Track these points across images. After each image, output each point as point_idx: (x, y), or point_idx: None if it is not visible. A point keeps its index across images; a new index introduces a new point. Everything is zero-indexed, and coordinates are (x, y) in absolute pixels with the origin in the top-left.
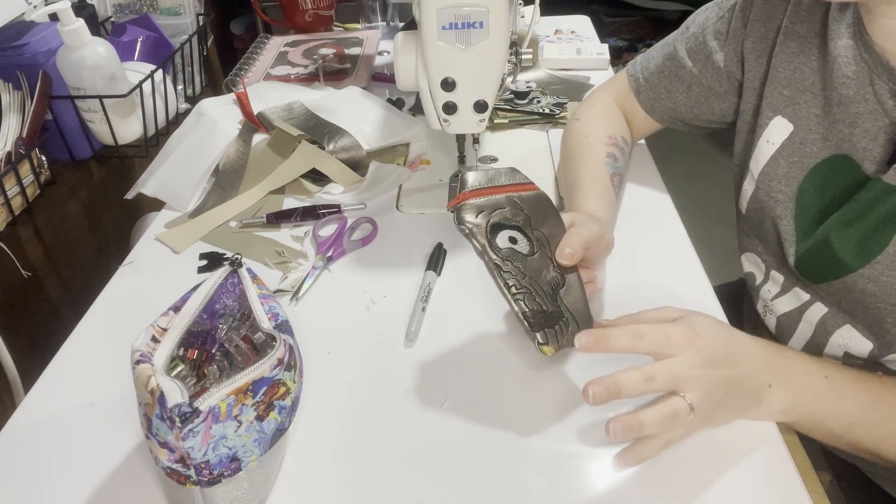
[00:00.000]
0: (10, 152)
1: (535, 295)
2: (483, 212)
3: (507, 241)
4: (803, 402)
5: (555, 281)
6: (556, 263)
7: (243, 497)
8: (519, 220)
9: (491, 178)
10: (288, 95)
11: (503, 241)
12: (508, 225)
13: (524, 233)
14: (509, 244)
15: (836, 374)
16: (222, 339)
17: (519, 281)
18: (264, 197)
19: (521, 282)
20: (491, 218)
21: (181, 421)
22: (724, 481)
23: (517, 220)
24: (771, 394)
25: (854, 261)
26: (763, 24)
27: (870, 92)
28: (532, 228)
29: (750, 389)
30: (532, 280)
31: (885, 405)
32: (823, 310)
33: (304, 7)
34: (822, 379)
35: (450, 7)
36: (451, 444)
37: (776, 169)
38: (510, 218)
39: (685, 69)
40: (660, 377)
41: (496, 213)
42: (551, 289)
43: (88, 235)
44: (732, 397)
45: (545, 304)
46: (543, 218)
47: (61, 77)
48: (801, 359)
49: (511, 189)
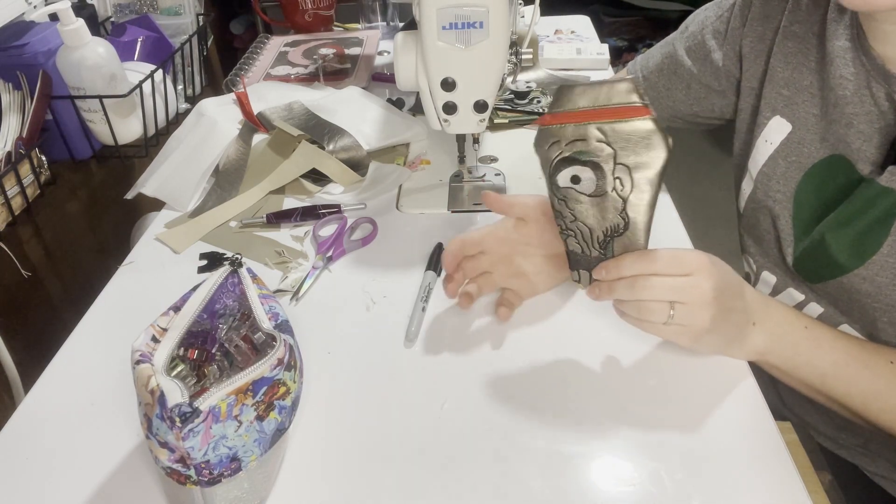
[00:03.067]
0: (10, 152)
1: (578, 239)
2: (557, 142)
3: (568, 181)
4: (780, 346)
5: (614, 225)
6: (624, 217)
7: (243, 497)
8: (598, 155)
9: (596, 97)
10: (288, 95)
11: (565, 179)
12: (580, 160)
13: (599, 168)
14: (570, 184)
15: (817, 327)
16: (222, 339)
17: (566, 223)
18: (264, 197)
19: (569, 224)
20: (563, 151)
21: (181, 421)
22: (725, 481)
23: (594, 155)
24: (753, 332)
25: (849, 261)
26: (761, 23)
27: (867, 94)
28: (616, 163)
29: (738, 323)
30: (582, 224)
31: (859, 363)
32: (819, 310)
33: (304, 7)
34: (801, 329)
35: (450, 7)
36: (450, 443)
37: (774, 169)
38: (585, 152)
39: (684, 67)
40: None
41: (571, 144)
42: (604, 235)
43: (88, 235)
44: (723, 325)
45: (588, 248)
46: (635, 151)
47: (61, 77)
48: (784, 308)
49: (612, 114)
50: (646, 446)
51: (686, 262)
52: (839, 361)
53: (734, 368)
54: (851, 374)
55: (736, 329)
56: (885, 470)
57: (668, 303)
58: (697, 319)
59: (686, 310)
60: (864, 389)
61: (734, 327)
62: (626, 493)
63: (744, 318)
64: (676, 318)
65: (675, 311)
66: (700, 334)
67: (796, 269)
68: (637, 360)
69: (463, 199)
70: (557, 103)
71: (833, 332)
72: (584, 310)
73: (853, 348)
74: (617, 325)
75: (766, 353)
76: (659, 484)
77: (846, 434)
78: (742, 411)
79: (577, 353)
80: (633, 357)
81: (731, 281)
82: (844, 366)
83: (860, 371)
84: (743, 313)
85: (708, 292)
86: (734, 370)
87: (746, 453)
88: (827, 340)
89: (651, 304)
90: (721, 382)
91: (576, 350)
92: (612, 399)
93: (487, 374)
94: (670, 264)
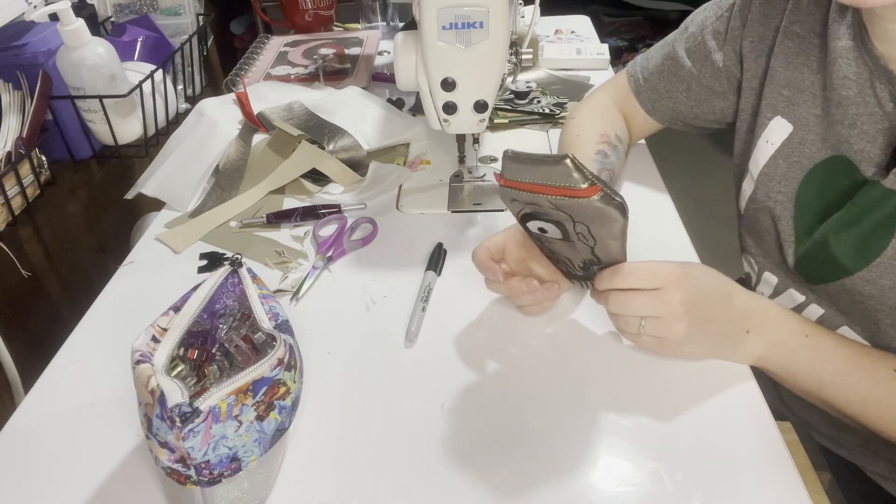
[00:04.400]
0: (10, 152)
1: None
2: (516, 200)
3: (536, 230)
4: (778, 353)
5: (589, 259)
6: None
7: (243, 497)
8: (557, 217)
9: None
10: (288, 95)
11: (533, 227)
12: (541, 217)
13: (561, 224)
14: (538, 232)
15: (818, 335)
16: (222, 339)
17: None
18: (264, 197)
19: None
20: (523, 208)
21: (181, 421)
22: (725, 481)
23: (553, 217)
24: (748, 340)
25: (852, 263)
26: (761, 24)
27: (870, 94)
28: (575, 222)
29: (726, 332)
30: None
31: (860, 371)
32: (819, 311)
33: (304, 7)
34: (802, 337)
35: (450, 7)
36: (450, 443)
37: (775, 169)
38: (544, 213)
39: (684, 69)
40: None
41: (529, 205)
42: (584, 264)
43: (88, 235)
44: (701, 336)
45: (573, 269)
46: (591, 220)
47: (61, 77)
48: (785, 315)
49: (559, 192)
50: (646, 446)
51: (657, 275)
52: (839, 370)
53: (734, 368)
54: (851, 383)
55: (720, 337)
56: (886, 470)
57: (638, 317)
58: (670, 332)
59: (657, 322)
60: (864, 398)
61: (718, 336)
62: (626, 493)
63: (732, 327)
64: (647, 330)
65: (645, 324)
66: (677, 345)
67: (797, 271)
68: (637, 360)
69: (463, 199)
70: (507, 170)
71: (835, 340)
72: (584, 310)
73: (855, 356)
74: None
75: (763, 360)
76: (659, 484)
77: (846, 434)
78: (742, 411)
79: (576, 353)
80: (632, 357)
81: (713, 291)
82: (845, 374)
83: (861, 379)
84: (729, 322)
85: (677, 305)
86: (734, 370)
87: (746, 453)
88: (828, 348)
89: (622, 317)
90: (721, 382)
91: (576, 350)
92: (612, 399)
93: (487, 374)
94: (642, 279)
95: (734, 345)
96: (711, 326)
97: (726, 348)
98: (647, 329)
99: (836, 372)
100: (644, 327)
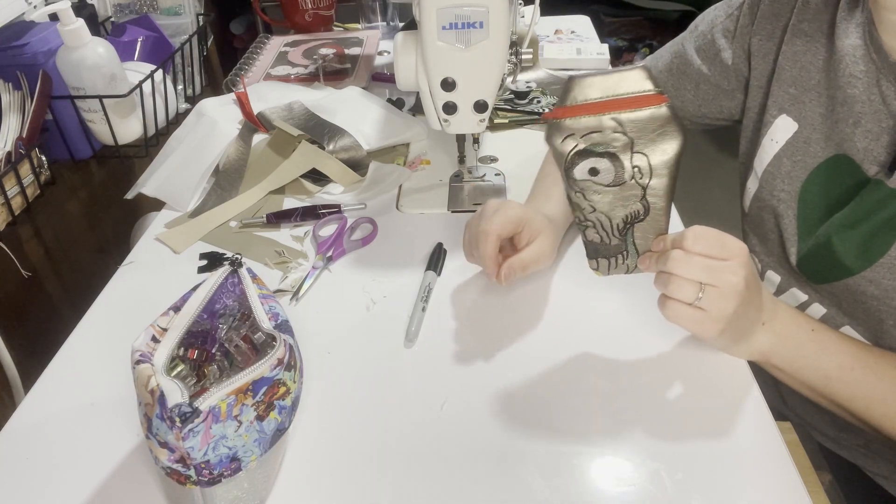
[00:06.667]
0: (10, 152)
1: (597, 229)
2: (571, 135)
3: (585, 173)
4: (785, 347)
5: (634, 212)
6: (644, 204)
7: (244, 497)
8: (615, 146)
9: (608, 87)
10: (288, 95)
11: (582, 172)
12: (596, 152)
13: (617, 158)
14: (587, 176)
15: (824, 331)
16: (222, 339)
17: (584, 215)
18: (264, 197)
19: (588, 215)
20: (578, 144)
21: (181, 421)
22: (725, 481)
23: (611, 146)
24: (761, 332)
25: (855, 263)
26: (770, 21)
27: (876, 92)
28: (633, 152)
29: (753, 321)
30: (601, 213)
31: (865, 367)
32: (822, 311)
33: (304, 7)
34: (808, 332)
35: (450, 7)
36: (450, 443)
37: (779, 167)
38: (601, 143)
39: (693, 67)
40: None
41: (586, 137)
42: (624, 223)
43: (88, 235)
44: (740, 320)
45: (608, 237)
46: (652, 139)
47: (61, 77)
48: (792, 310)
49: (626, 104)
50: (646, 446)
51: (728, 246)
52: (844, 364)
53: (734, 368)
54: (856, 378)
55: (748, 325)
56: (886, 470)
57: (698, 283)
58: (723, 306)
59: (715, 294)
60: (869, 393)
61: (748, 323)
62: (626, 493)
63: (757, 316)
64: (703, 302)
65: (703, 294)
66: (718, 325)
67: (800, 270)
68: (637, 360)
69: (463, 199)
70: (569, 95)
71: (840, 336)
72: (584, 310)
73: (860, 352)
74: (617, 326)
75: (769, 354)
76: (659, 484)
77: (847, 434)
78: (742, 411)
79: (577, 353)
80: (633, 357)
81: (756, 276)
82: (849, 369)
83: (865, 375)
84: (758, 311)
85: (740, 281)
86: (734, 370)
87: (746, 453)
88: (833, 343)
89: (682, 280)
90: (721, 382)
91: (576, 350)
92: (612, 399)
93: (487, 373)
94: (713, 246)
95: (750, 335)
96: (748, 312)
97: (744, 338)
98: (703, 300)
99: (841, 367)
100: (701, 298)
